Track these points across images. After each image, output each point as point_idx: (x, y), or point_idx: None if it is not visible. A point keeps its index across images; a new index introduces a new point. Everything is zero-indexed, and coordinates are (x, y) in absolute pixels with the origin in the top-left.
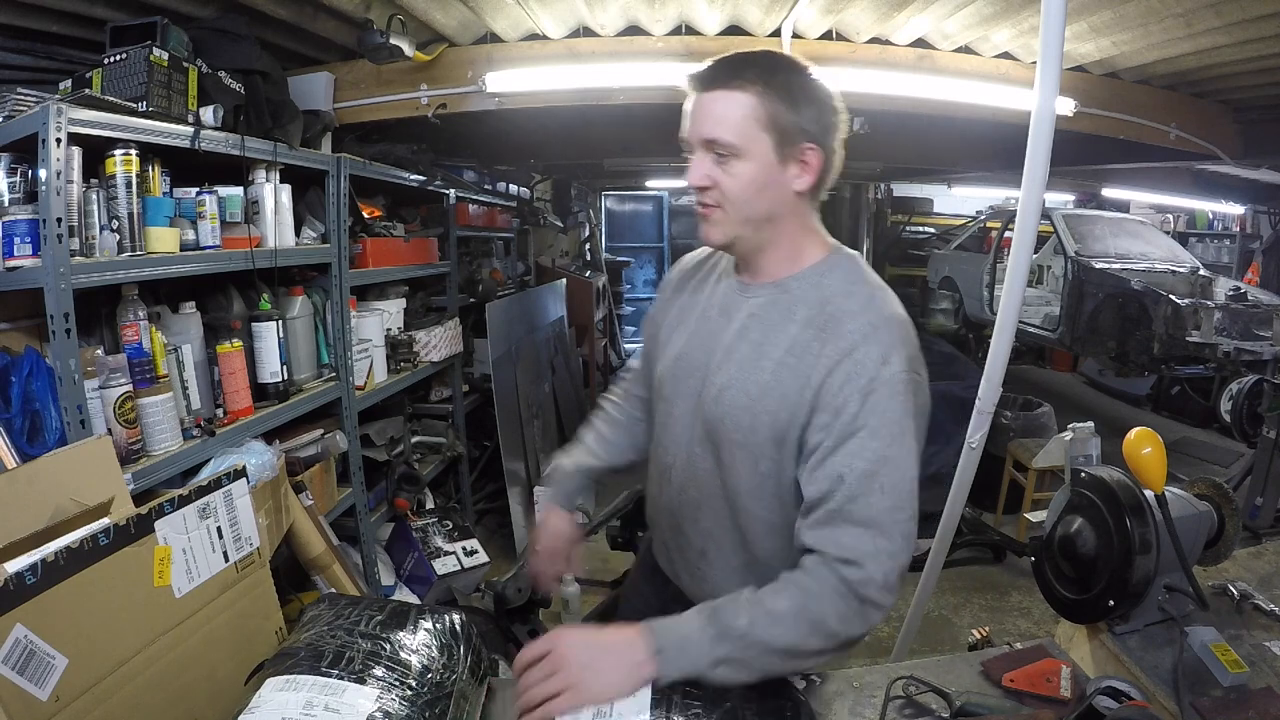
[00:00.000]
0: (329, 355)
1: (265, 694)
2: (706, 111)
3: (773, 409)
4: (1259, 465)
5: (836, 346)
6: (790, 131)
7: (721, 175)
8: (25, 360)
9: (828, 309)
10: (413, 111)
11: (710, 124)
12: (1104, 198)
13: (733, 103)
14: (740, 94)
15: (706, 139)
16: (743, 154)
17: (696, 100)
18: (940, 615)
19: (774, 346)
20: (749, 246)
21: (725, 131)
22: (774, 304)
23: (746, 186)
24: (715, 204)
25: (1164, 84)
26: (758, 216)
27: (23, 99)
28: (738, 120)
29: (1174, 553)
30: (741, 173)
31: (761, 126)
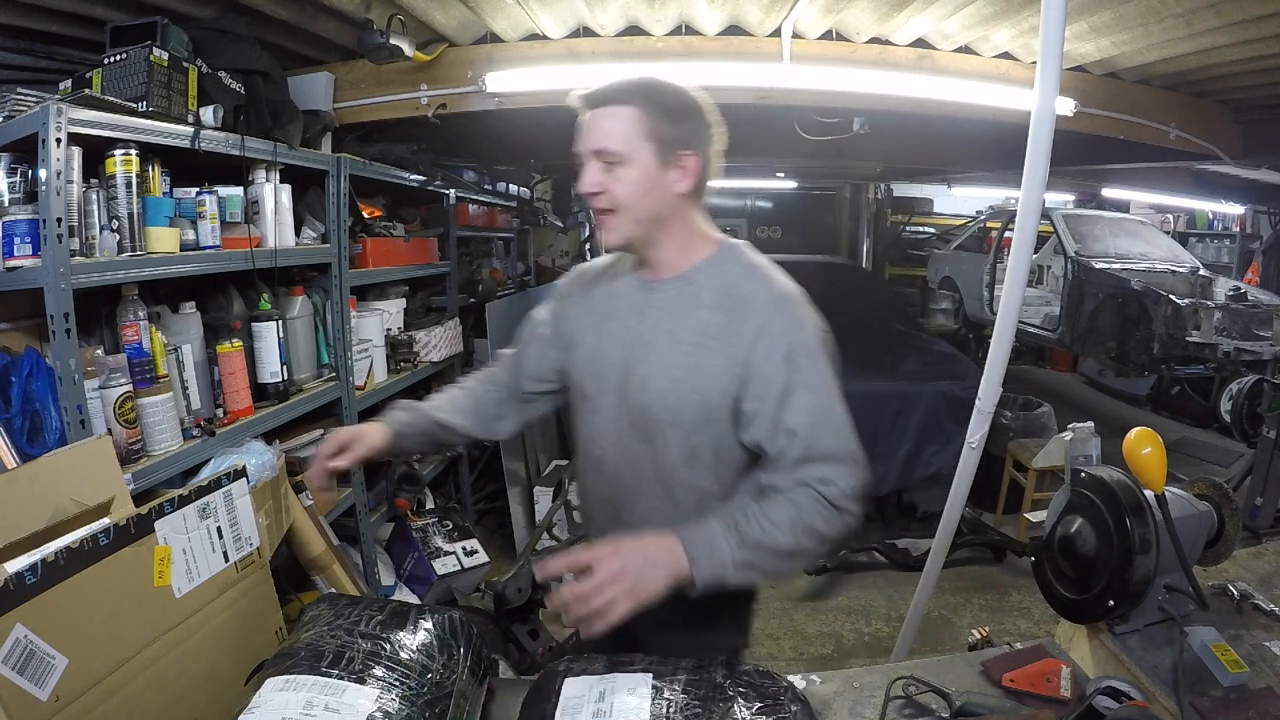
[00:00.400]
0: (329, 355)
1: (265, 694)
2: (596, 126)
3: (700, 388)
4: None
5: (751, 324)
6: (668, 141)
7: (610, 182)
8: (25, 360)
9: (733, 293)
10: (413, 111)
11: (599, 136)
12: (1104, 198)
13: (617, 117)
14: (624, 108)
15: (596, 149)
16: (627, 161)
17: (586, 118)
18: (940, 615)
19: (688, 331)
20: (643, 245)
21: (612, 142)
22: (679, 295)
23: (632, 189)
24: (608, 208)
25: (1164, 84)
26: (646, 217)
27: (23, 99)
28: (622, 132)
29: (1174, 553)
30: (626, 177)
31: (643, 137)
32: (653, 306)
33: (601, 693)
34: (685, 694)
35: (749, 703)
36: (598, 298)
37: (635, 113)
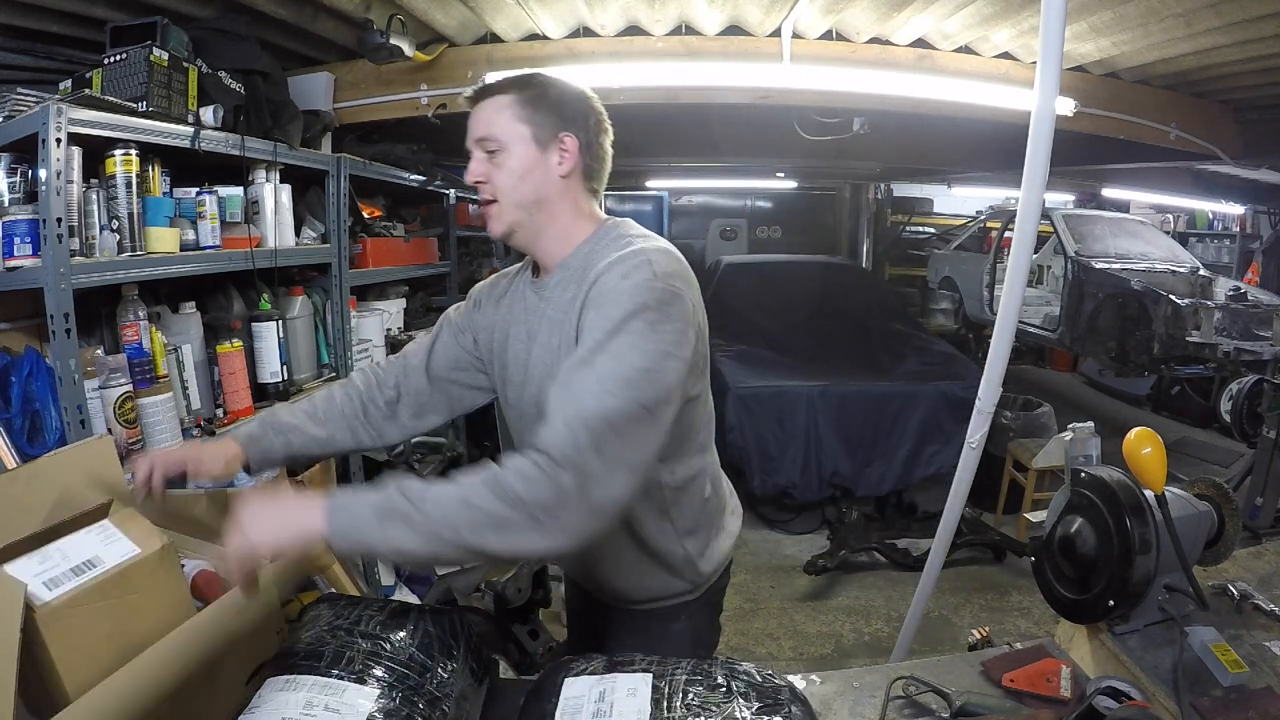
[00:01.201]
0: (329, 355)
1: (265, 694)
2: (476, 119)
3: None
4: (1259, 465)
5: (579, 289)
6: (544, 123)
7: (492, 169)
8: (25, 360)
9: (590, 265)
10: (413, 111)
11: (478, 126)
12: (1104, 198)
13: (493, 106)
14: (498, 97)
15: (478, 138)
16: (505, 146)
17: (469, 115)
18: (940, 615)
19: (560, 315)
20: (528, 234)
21: (489, 129)
22: (560, 286)
23: (512, 174)
24: (491, 197)
25: (1164, 84)
26: (528, 201)
27: (23, 99)
28: (498, 119)
29: (1174, 553)
30: (506, 163)
31: (518, 120)
32: (541, 305)
33: (601, 693)
34: (685, 694)
35: (749, 703)
36: (503, 305)
37: (508, 99)
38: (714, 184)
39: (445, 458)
